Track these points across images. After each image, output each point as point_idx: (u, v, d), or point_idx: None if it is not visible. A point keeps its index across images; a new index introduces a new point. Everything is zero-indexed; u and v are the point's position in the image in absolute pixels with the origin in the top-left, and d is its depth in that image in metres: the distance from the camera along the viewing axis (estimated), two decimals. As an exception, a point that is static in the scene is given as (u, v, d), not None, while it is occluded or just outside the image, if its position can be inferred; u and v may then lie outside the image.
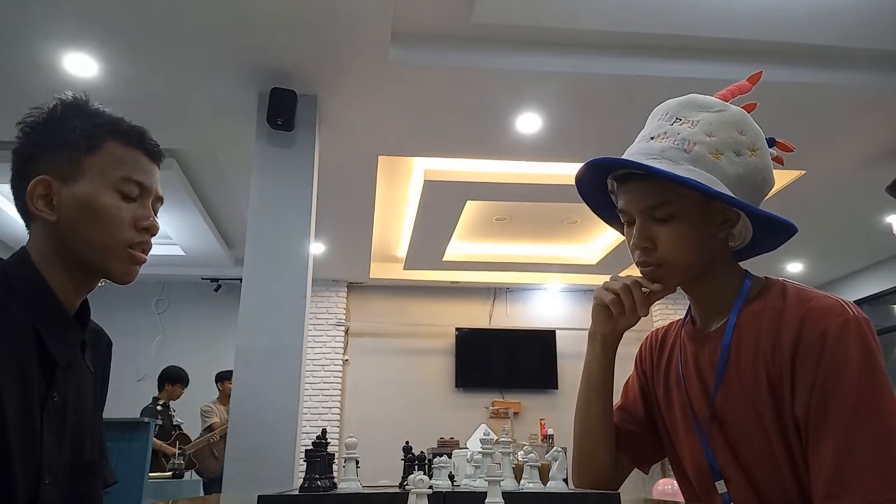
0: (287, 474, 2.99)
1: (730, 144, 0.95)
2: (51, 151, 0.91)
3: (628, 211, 1.00)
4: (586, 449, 1.10)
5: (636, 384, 1.18)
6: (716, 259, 1.00)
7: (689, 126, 0.97)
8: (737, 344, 0.96)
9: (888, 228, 5.15)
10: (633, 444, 1.14)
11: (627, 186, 0.99)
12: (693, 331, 1.06)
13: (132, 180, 0.93)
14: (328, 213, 4.85)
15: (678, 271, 0.98)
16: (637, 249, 0.99)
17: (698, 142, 0.95)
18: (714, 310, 1.02)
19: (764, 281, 1.01)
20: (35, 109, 0.94)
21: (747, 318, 0.97)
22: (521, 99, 3.67)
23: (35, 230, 0.93)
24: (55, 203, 0.90)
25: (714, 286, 1.01)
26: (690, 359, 1.03)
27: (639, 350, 1.21)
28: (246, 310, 3.21)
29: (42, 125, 0.93)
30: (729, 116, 0.98)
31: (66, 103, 0.94)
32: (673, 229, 0.96)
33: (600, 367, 1.10)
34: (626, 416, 1.16)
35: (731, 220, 0.98)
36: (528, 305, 7.57)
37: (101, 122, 0.94)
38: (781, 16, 3.17)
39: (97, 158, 0.92)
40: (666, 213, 0.96)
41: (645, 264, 0.99)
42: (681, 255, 0.97)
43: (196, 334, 6.84)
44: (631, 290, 1.02)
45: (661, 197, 0.95)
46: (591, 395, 1.10)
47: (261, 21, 3.00)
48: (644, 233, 0.97)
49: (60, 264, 0.91)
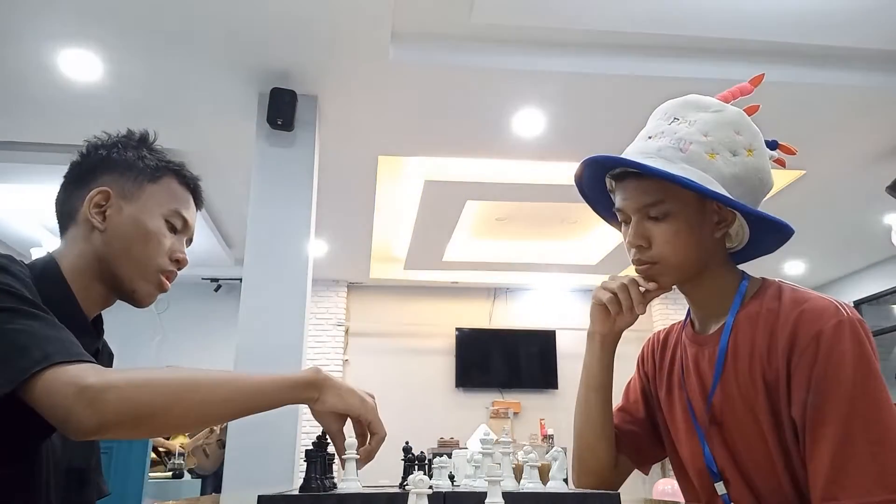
0: (287, 474, 2.99)
1: (726, 144, 0.95)
2: (117, 169, 0.99)
3: (624, 209, 1.00)
4: (586, 448, 1.11)
5: (637, 385, 1.19)
6: (712, 260, 1.00)
7: (686, 126, 0.97)
8: (734, 346, 0.96)
9: (888, 229, 5.15)
10: (634, 444, 1.14)
11: (624, 185, 1.00)
12: (692, 333, 1.06)
13: (180, 215, 1.02)
14: (328, 213, 4.85)
15: (673, 270, 0.99)
16: (632, 247, 1.00)
17: (694, 141, 0.95)
18: (712, 312, 1.02)
19: (761, 282, 1.01)
20: (103, 133, 1.04)
21: (744, 320, 0.97)
22: (521, 99, 3.67)
23: (74, 235, 0.97)
24: (108, 214, 0.96)
25: (711, 288, 1.01)
26: (691, 361, 1.04)
27: (641, 352, 1.21)
28: (246, 310, 3.21)
29: (113, 145, 1.01)
30: (726, 116, 0.98)
31: (135, 134, 1.04)
32: (667, 228, 0.96)
33: (599, 367, 1.10)
34: (627, 416, 1.17)
35: (726, 221, 0.98)
36: (528, 305, 7.57)
37: (168, 161, 1.04)
38: (782, 16, 3.16)
39: (156, 188, 1.00)
40: (661, 211, 0.96)
41: (640, 262, 1.00)
42: (675, 254, 0.97)
43: (196, 334, 6.84)
44: (628, 288, 1.03)
45: (656, 195, 0.96)
46: (591, 394, 1.11)
47: (261, 21, 3.00)
48: (639, 231, 0.98)
49: (91, 273, 0.95)
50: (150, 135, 1.05)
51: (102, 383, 0.71)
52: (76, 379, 0.71)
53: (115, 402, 0.71)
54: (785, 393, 0.89)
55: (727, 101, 1.03)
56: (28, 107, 3.61)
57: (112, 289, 0.97)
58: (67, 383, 0.71)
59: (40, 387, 0.71)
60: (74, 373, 0.72)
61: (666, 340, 1.15)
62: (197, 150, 4.27)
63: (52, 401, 0.71)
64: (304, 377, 0.83)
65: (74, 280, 0.93)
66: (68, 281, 0.92)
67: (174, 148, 4.23)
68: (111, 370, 0.76)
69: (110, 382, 0.72)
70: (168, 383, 0.76)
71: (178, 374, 0.78)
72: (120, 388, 0.72)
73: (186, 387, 0.77)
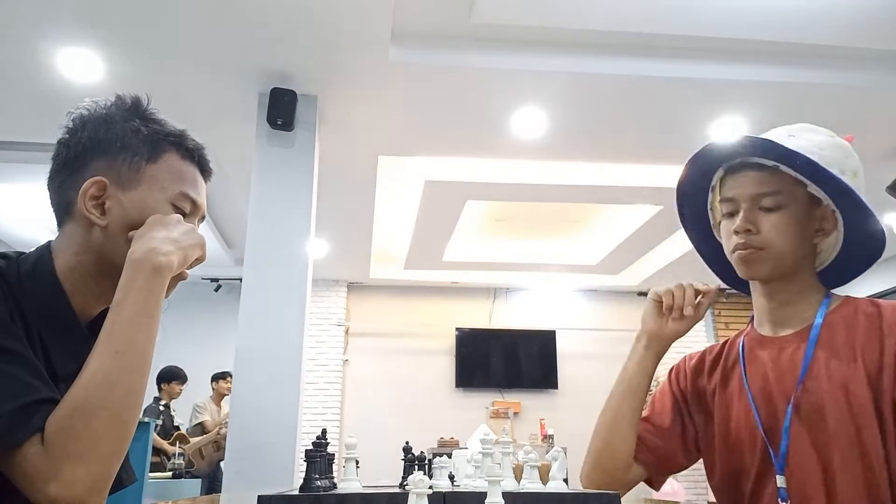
0: (287, 474, 2.99)
1: (838, 162, 1.00)
2: (109, 151, 0.87)
3: (736, 198, 1.03)
4: (605, 448, 1.11)
5: (668, 400, 1.18)
6: (803, 265, 1.04)
7: (805, 141, 1.01)
8: (829, 345, 0.98)
9: (888, 229, 5.15)
10: (654, 455, 1.13)
11: (739, 175, 1.04)
12: (761, 337, 1.07)
13: (188, 196, 0.91)
14: (328, 214, 4.85)
15: (774, 259, 1.01)
16: (740, 232, 1.02)
17: (813, 152, 0.99)
18: (793, 314, 1.04)
19: (843, 298, 1.05)
20: (88, 100, 0.90)
21: (837, 320, 1.00)
22: (521, 99, 3.67)
23: (71, 230, 0.87)
24: (107, 207, 0.86)
25: (800, 291, 1.04)
26: (766, 363, 1.03)
27: (675, 367, 1.21)
28: (246, 310, 3.21)
29: (99, 119, 0.89)
30: (839, 142, 1.03)
31: (126, 101, 0.91)
32: (778, 218, 1.00)
33: (638, 370, 1.11)
34: (651, 427, 1.16)
35: (825, 231, 1.03)
36: (528, 305, 7.56)
37: (166, 132, 0.92)
38: (782, 15, 3.16)
39: (157, 168, 0.89)
40: (774, 202, 1.00)
41: (745, 246, 1.02)
42: (780, 243, 1.00)
43: (196, 334, 6.82)
44: (684, 288, 1.06)
45: (773, 186, 1.00)
46: (626, 395, 1.11)
47: (261, 21, 3.00)
48: (750, 217, 1.01)
49: (93, 269, 0.86)
50: (142, 100, 0.92)
51: (64, 492, 0.69)
52: (36, 483, 0.69)
53: (87, 483, 0.70)
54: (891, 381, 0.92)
55: None
56: (28, 107, 3.61)
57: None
58: (29, 482, 0.69)
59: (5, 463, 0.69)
60: (32, 471, 0.69)
61: (713, 353, 1.15)
62: (197, 150, 4.27)
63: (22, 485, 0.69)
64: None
65: (71, 279, 0.85)
66: (62, 279, 0.84)
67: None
68: (49, 451, 0.70)
69: (68, 480, 0.69)
70: (96, 412, 0.72)
71: (88, 387, 0.73)
72: (80, 473, 0.70)
73: (105, 398, 0.73)
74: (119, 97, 0.91)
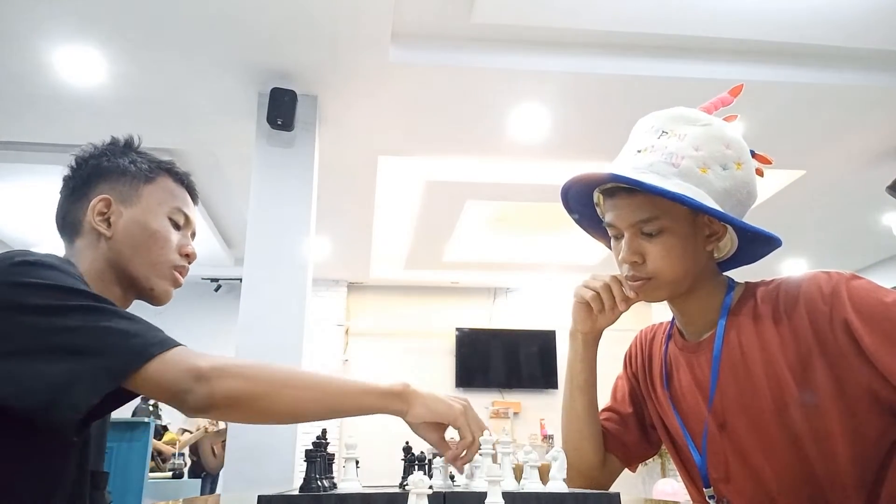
0: (287, 474, 2.99)
1: (717, 158, 0.95)
2: (110, 176, 1.02)
3: (616, 225, 0.99)
4: (572, 449, 1.11)
5: (625, 385, 1.19)
6: (703, 272, 1.00)
7: (676, 140, 0.97)
8: (738, 348, 0.96)
9: (888, 229, 5.15)
10: (621, 443, 1.15)
11: (615, 201, 0.99)
12: (682, 342, 1.06)
13: (181, 211, 1.06)
14: (328, 214, 4.85)
15: (667, 285, 0.99)
16: (626, 263, 0.99)
17: (686, 156, 0.95)
18: (703, 320, 1.02)
19: (744, 286, 1.03)
20: (87, 144, 1.06)
21: (742, 320, 0.97)
22: (521, 99, 3.67)
23: (81, 246, 0.99)
24: (112, 221, 0.99)
25: (701, 300, 1.02)
26: (684, 369, 1.04)
27: (628, 349, 1.21)
28: (246, 310, 3.21)
29: (101, 154, 1.04)
30: (715, 130, 0.98)
31: (119, 141, 1.07)
32: (662, 243, 0.96)
33: (583, 365, 1.11)
34: (615, 416, 1.17)
35: (717, 234, 0.98)
36: (528, 305, 7.56)
37: (158, 161, 1.07)
38: (782, 15, 3.16)
39: (154, 188, 1.03)
40: (655, 227, 0.96)
41: (634, 278, 0.99)
42: (670, 269, 0.97)
43: (196, 334, 6.77)
44: (611, 287, 1.03)
45: (650, 212, 0.95)
46: (575, 394, 1.12)
47: (261, 21, 3.00)
48: (633, 247, 0.97)
49: (108, 277, 0.98)
50: (134, 139, 1.07)
51: (213, 367, 0.79)
52: (188, 363, 0.79)
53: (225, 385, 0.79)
54: (858, 362, 0.87)
55: (710, 113, 1.03)
56: (28, 107, 3.61)
57: (129, 289, 1.01)
58: (180, 369, 0.78)
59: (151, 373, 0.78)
60: (182, 358, 0.80)
61: (652, 341, 1.15)
62: (197, 150, 4.27)
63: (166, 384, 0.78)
64: (391, 387, 0.87)
65: (91, 285, 0.92)
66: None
67: (174, 148, 4.24)
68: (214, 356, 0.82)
69: (219, 367, 0.79)
70: (267, 375, 0.83)
71: (276, 367, 0.84)
72: (228, 373, 0.80)
73: (283, 381, 0.83)
74: (113, 139, 1.07)
